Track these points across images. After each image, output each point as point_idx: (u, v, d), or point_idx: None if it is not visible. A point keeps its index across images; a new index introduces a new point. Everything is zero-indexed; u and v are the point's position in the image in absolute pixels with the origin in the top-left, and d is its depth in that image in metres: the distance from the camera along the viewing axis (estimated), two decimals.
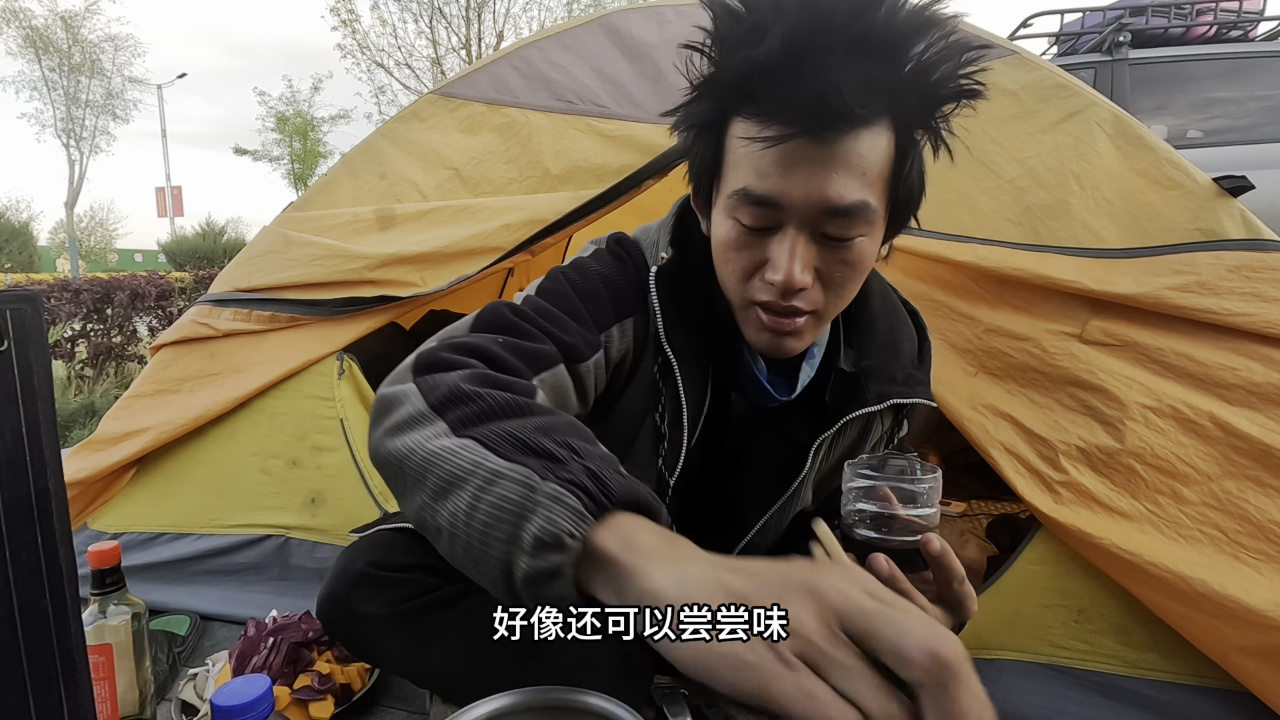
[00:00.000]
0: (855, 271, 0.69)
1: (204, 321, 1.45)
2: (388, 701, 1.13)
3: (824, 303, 0.70)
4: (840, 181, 0.62)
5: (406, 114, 1.52)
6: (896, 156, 0.65)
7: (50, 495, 0.50)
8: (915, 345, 0.86)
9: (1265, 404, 1.00)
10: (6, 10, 20.11)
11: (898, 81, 0.61)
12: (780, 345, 0.73)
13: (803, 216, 0.65)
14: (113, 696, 0.87)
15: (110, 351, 3.96)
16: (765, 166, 0.64)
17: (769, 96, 0.62)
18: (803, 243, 0.66)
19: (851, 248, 0.67)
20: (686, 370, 0.80)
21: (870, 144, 0.63)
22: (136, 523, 1.44)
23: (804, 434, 0.83)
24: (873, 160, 0.63)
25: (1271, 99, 3.34)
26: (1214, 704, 0.99)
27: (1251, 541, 0.97)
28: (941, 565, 0.59)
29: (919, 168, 0.69)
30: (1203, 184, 1.08)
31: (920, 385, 0.84)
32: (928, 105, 0.65)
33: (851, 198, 0.63)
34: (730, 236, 0.69)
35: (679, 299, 0.80)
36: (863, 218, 0.65)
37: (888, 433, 0.87)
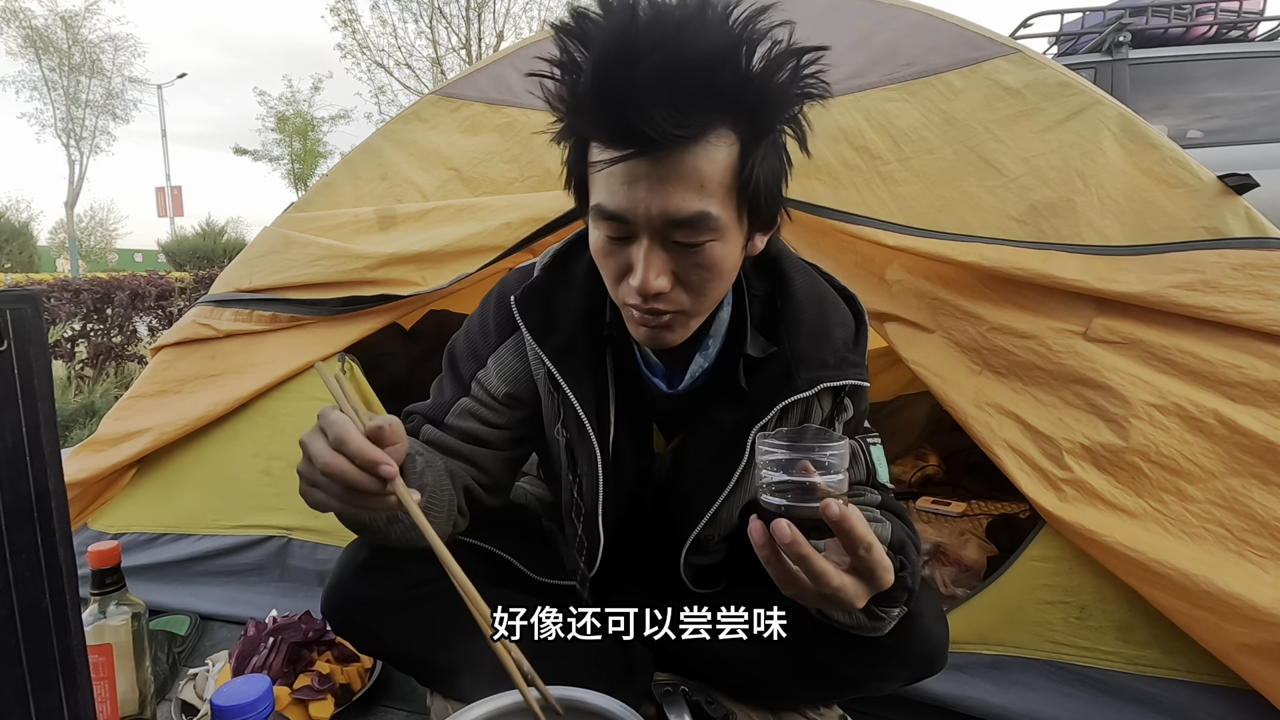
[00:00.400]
0: (712, 273, 0.72)
1: (205, 322, 1.44)
2: (388, 701, 1.13)
3: (688, 303, 0.74)
4: (678, 195, 0.66)
5: (408, 114, 1.52)
6: (740, 163, 0.68)
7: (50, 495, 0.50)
8: (850, 330, 0.88)
9: (1270, 402, 0.99)
10: (6, 10, 20.14)
11: (719, 98, 0.63)
12: (657, 337, 0.77)
13: (650, 229, 0.69)
14: (113, 696, 0.87)
15: (110, 351, 3.96)
16: (613, 185, 0.68)
17: (594, 130, 0.67)
18: (656, 252, 0.70)
19: (703, 252, 0.70)
20: (568, 370, 0.86)
21: (705, 157, 0.65)
22: (137, 523, 1.44)
23: (730, 420, 0.86)
24: (710, 172, 0.66)
25: (1271, 99, 3.34)
26: (1216, 701, 0.99)
27: (1256, 539, 0.96)
28: (843, 530, 0.60)
29: (771, 168, 0.71)
30: (1207, 182, 1.08)
31: (854, 368, 0.86)
32: (768, 113, 0.67)
33: (690, 209, 0.67)
34: (598, 245, 0.74)
35: (552, 309, 0.87)
36: (706, 226, 0.68)
37: (828, 417, 0.89)
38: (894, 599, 0.73)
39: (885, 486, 0.91)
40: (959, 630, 1.07)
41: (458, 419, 0.92)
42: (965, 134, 1.20)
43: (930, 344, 1.17)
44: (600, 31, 0.63)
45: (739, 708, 0.99)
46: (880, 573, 0.64)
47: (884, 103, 1.25)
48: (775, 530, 0.60)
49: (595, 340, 0.88)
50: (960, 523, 1.74)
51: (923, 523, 1.72)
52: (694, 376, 0.87)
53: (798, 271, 0.88)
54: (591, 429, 0.87)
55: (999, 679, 1.07)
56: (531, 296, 0.88)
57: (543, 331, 0.87)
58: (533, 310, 0.87)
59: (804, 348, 0.84)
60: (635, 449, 0.93)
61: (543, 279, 0.89)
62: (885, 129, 1.24)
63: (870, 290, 1.22)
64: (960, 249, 1.13)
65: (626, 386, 0.90)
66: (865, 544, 0.61)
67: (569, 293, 0.87)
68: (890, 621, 0.77)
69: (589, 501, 0.91)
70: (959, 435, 2.01)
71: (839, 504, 0.59)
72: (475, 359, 0.92)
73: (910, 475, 2.10)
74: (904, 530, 0.83)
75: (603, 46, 0.62)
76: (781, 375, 0.85)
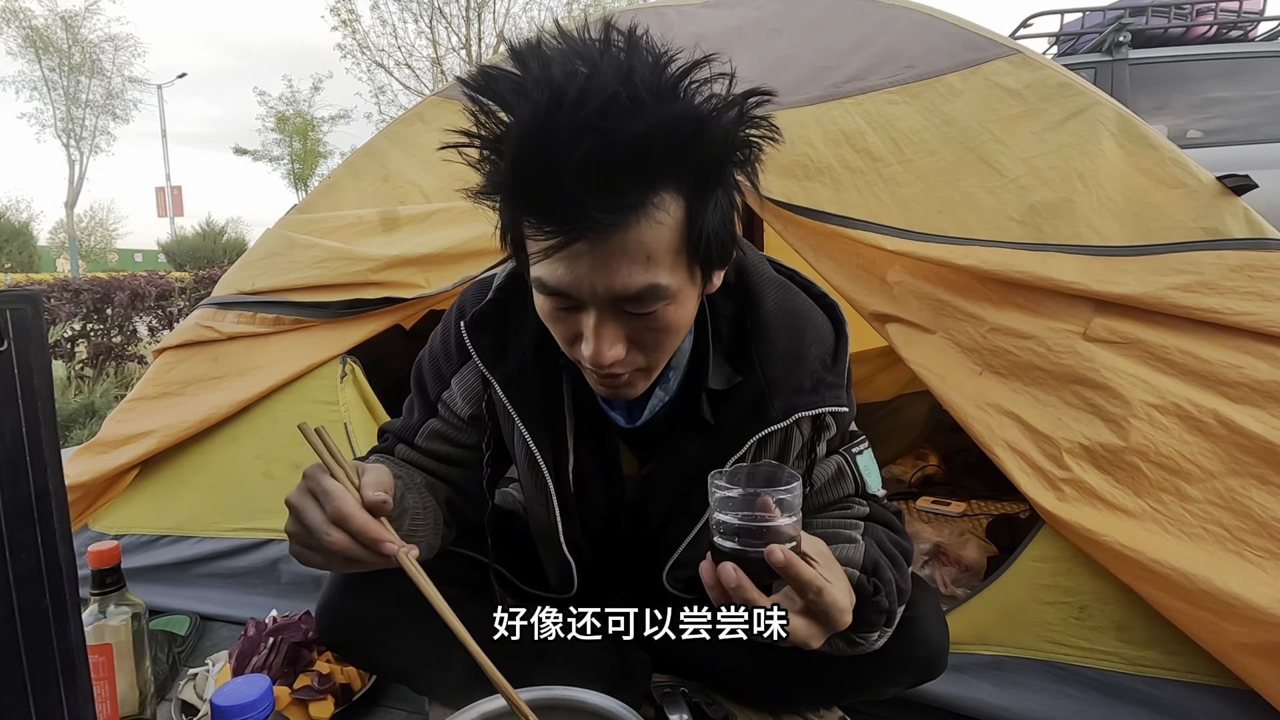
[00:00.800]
0: (667, 334, 0.69)
1: (208, 324, 1.44)
2: (388, 701, 1.13)
3: (644, 362, 0.70)
4: (623, 272, 0.61)
5: (409, 116, 1.52)
6: (687, 223, 0.63)
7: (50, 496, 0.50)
8: (828, 346, 0.84)
9: (1269, 402, 0.99)
10: (6, 10, 20.14)
11: (659, 172, 0.59)
12: (618, 393, 0.74)
13: (599, 303, 0.64)
14: (113, 696, 0.87)
15: (110, 351, 3.96)
16: (552, 265, 0.62)
17: (531, 215, 0.61)
18: (606, 323, 0.65)
19: (656, 317, 0.66)
20: (520, 399, 0.83)
21: (649, 229, 0.60)
22: (138, 525, 1.44)
23: (697, 451, 0.82)
24: (655, 243, 0.61)
25: (1271, 99, 3.34)
26: (1215, 701, 0.99)
27: (1255, 539, 0.96)
28: (790, 576, 0.59)
29: (722, 216, 0.66)
30: (1206, 183, 1.08)
31: (831, 390, 0.82)
32: (712, 170, 0.62)
33: (637, 284, 0.62)
34: (545, 312, 0.70)
35: (504, 335, 0.84)
36: (656, 296, 0.64)
37: (809, 442, 0.85)
38: (869, 624, 0.73)
39: (874, 497, 0.89)
40: (958, 631, 1.07)
41: (427, 441, 0.91)
42: (965, 135, 1.20)
43: (931, 344, 1.18)
44: (516, 118, 0.58)
45: (739, 709, 0.99)
46: (835, 614, 0.62)
47: (885, 105, 1.26)
48: (721, 574, 0.59)
49: (550, 369, 0.84)
50: (960, 523, 1.74)
51: (923, 523, 1.72)
52: (653, 410, 0.83)
53: (767, 287, 0.83)
54: (544, 461, 0.84)
55: (998, 679, 1.07)
56: (483, 321, 0.84)
57: (493, 359, 0.83)
58: (484, 335, 0.83)
59: (777, 372, 0.80)
60: (602, 475, 0.90)
61: (495, 301, 0.84)
62: (886, 131, 1.24)
63: (872, 291, 1.22)
64: (959, 253, 1.13)
65: (585, 414, 0.87)
66: (814, 588, 0.60)
67: (524, 317, 0.82)
68: (870, 644, 0.76)
69: (548, 531, 0.89)
70: (959, 435, 2.01)
71: (783, 550, 0.58)
72: (439, 380, 0.90)
73: (910, 475, 2.10)
74: (887, 542, 0.81)
75: (520, 139, 0.57)
76: (754, 405, 0.81)
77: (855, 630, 0.71)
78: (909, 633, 0.83)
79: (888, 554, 0.79)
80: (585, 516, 0.91)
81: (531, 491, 0.90)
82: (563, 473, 0.87)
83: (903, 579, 0.78)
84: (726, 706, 0.98)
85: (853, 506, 0.88)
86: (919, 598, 0.86)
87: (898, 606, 0.76)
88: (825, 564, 0.65)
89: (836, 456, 0.88)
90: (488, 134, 0.61)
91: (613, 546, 0.95)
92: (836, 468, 0.88)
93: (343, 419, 1.36)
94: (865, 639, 0.74)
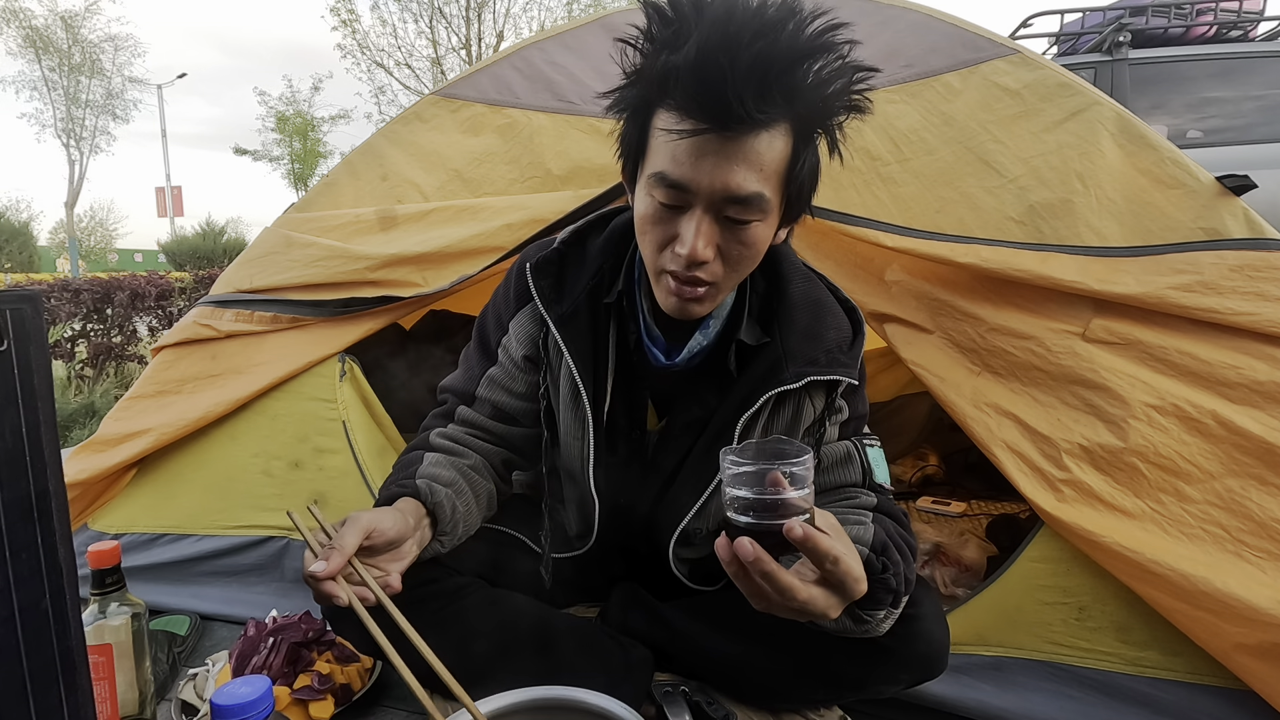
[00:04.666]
0: (751, 251, 0.78)
1: (205, 323, 1.44)
2: (388, 701, 1.13)
3: (723, 276, 0.79)
4: (740, 174, 0.72)
5: (408, 115, 1.52)
6: (792, 156, 0.75)
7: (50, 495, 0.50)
8: (845, 335, 0.92)
9: (1268, 402, 0.99)
10: (6, 10, 20.13)
11: (794, 94, 0.70)
12: (686, 309, 0.82)
13: (707, 200, 0.74)
14: (113, 696, 0.87)
15: (110, 351, 3.95)
16: (679, 155, 0.73)
17: (683, 96, 0.70)
18: (707, 223, 0.75)
19: (748, 230, 0.76)
20: (570, 335, 0.92)
21: (768, 144, 0.72)
22: (137, 524, 1.44)
23: (715, 401, 0.92)
24: (770, 158, 0.73)
25: (1270, 99, 3.34)
26: (1214, 702, 0.99)
27: (1254, 539, 0.96)
28: (808, 549, 0.62)
29: (812, 165, 0.78)
30: (1206, 183, 1.08)
31: (843, 366, 0.89)
32: (821, 116, 0.74)
33: (749, 189, 0.73)
34: (648, 212, 0.78)
35: (563, 279, 0.95)
36: (758, 206, 0.74)
37: (820, 416, 0.92)
38: (877, 601, 0.74)
39: (883, 488, 0.91)
40: (958, 631, 1.07)
41: (487, 391, 0.99)
42: (964, 135, 1.20)
43: (929, 344, 1.18)
44: (704, 16, 0.68)
45: (739, 708, 0.99)
46: (850, 583, 0.65)
47: (884, 104, 1.25)
48: (739, 549, 0.60)
49: (599, 311, 0.93)
50: (960, 523, 1.74)
51: (923, 523, 1.72)
52: (691, 353, 0.91)
53: (796, 275, 0.93)
54: (586, 393, 0.92)
55: (998, 680, 1.07)
56: (546, 266, 0.95)
57: (551, 299, 0.93)
58: (545, 278, 0.94)
59: (795, 345, 0.88)
60: (629, 421, 0.98)
61: (559, 251, 0.96)
62: (885, 130, 1.24)
63: (870, 291, 1.22)
64: (959, 250, 1.13)
65: (625, 359, 0.95)
66: (831, 558, 0.62)
67: (581, 266, 0.94)
68: (877, 624, 0.77)
69: (579, 466, 0.97)
70: (959, 435, 2.01)
71: (801, 525, 0.60)
72: (499, 326, 0.99)
73: (910, 475, 2.10)
74: (894, 531, 0.83)
75: (709, 29, 0.67)
76: (771, 368, 0.88)
77: (863, 606, 0.73)
78: (910, 630, 0.84)
79: (895, 542, 0.81)
80: (608, 461, 0.97)
81: (570, 424, 0.97)
82: (599, 409, 0.95)
83: (909, 569, 0.80)
84: (727, 706, 0.98)
85: (859, 497, 0.90)
86: (920, 596, 0.87)
87: (904, 592, 0.78)
88: (837, 536, 0.67)
89: (846, 441, 0.92)
90: (670, 31, 0.71)
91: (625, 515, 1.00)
92: (845, 451, 0.92)
93: (341, 417, 1.36)
94: (872, 616, 0.75)
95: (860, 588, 0.66)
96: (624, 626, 1.05)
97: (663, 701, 0.96)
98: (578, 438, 0.97)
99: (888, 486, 0.92)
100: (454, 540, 0.89)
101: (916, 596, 0.85)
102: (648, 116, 0.76)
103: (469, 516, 0.91)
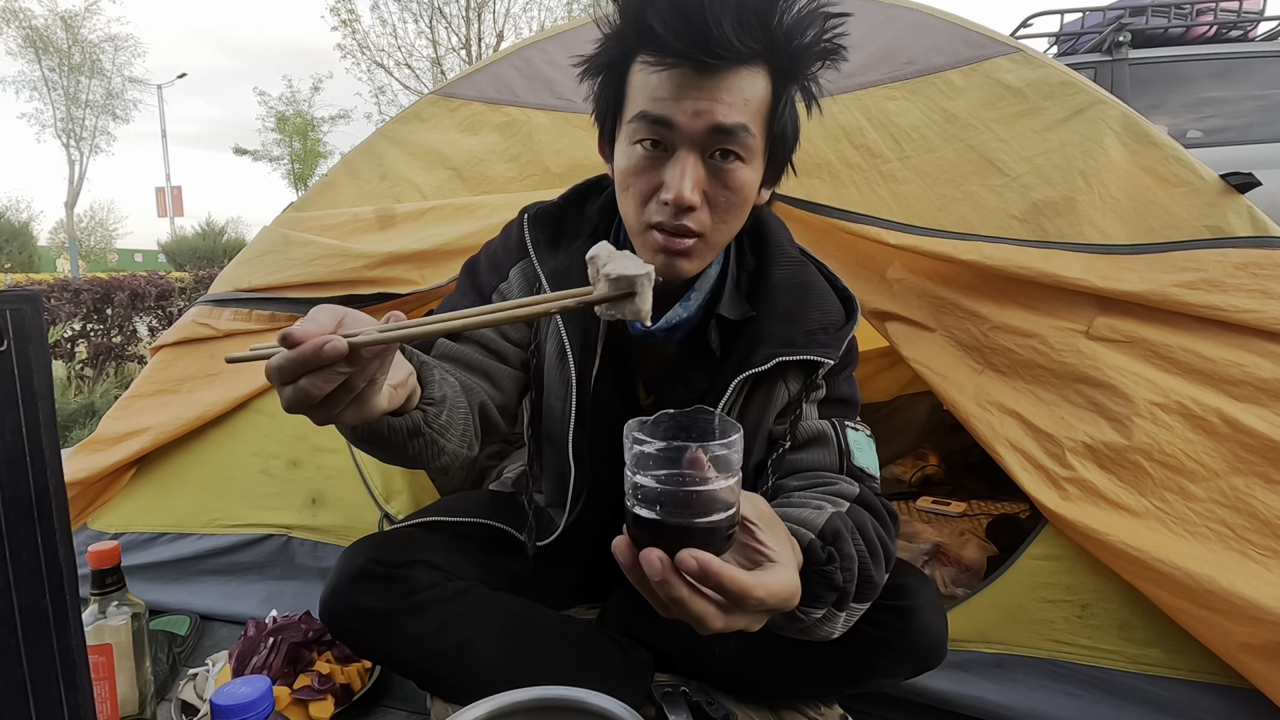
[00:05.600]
0: (738, 197, 0.77)
1: (204, 322, 1.44)
2: (388, 701, 1.13)
3: (710, 226, 0.78)
4: (724, 106, 0.72)
5: (407, 114, 1.52)
6: (773, 99, 0.75)
7: (50, 495, 0.49)
8: (832, 318, 0.89)
9: (1273, 400, 0.99)
10: (6, 10, 20.14)
11: (769, 25, 0.70)
12: (673, 265, 0.79)
13: (692, 139, 0.74)
14: (113, 696, 0.87)
15: (110, 351, 3.95)
16: (659, 92, 0.73)
17: (661, 26, 0.70)
18: (692, 163, 0.74)
19: (734, 173, 0.76)
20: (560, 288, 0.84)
21: (749, 81, 0.73)
22: (137, 523, 1.44)
23: (703, 383, 0.89)
24: (751, 95, 0.73)
25: (1270, 98, 3.34)
26: (1217, 700, 0.99)
27: (1259, 538, 0.96)
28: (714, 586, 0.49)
29: (792, 117, 0.79)
30: (1209, 181, 1.08)
31: (823, 347, 0.86)
32: (798, 60, 0.75)
33: (733, 119, 0.73)
34: (630, 163, 0.77)
35: (559, 234, 0.94)
36: (744, 142, 0.74)
37: (795, 398, 0.88)
38: (816, 598, 0.64)
39: (865, 474, 0.84)
40: (960, 629, 1.06)
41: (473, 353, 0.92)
42: (966, 133, 1.20)
43: (931, 342, 1.17)
44: None
45: (739, 708, 0.99)
46: (773, 605, 0.53)
47: (885, 101, 1.25)
48: (644, 563, 0.48)
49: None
50: (960, 523, 1.74)
51: (923, 523, 1.72)
52: (670, 323, 0.88)
53: (783, 257, 0.91)
54: (572, 352, 0.91)
55: (1000, 678, 1.07)
56: (543, 218, 0.94)
57: (545, 253, 0.92)
58: (542, 230, 0.93)
59: (772, 327, 0.86)
60: (618, 390, 0.96)
61: (558, 205, 0.96)
62: (886, 127, 1.24)
63: (871, 289, 1.22)
64: (962, 248, 1.12)
65: (612, 326, 0.92)
66: (754, 598, 0.51)
67: (579, 224, 0.94)
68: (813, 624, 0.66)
69: (559, 430, 0.95)
70: (959, 435, 2.01)
71: (698, 556, 0.47)
72: (497, 272, 0.95)
73: (910, 475, 2.09)
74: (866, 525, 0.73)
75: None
76: (745, 351, 0.86)
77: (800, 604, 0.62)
78: (907, 623, 0.83)
79: (857, 537, 0.70)
80: (596, 426, 0.94)
81: (555, 384, 0.95)
82: (586, 373, 0.92)
83: (873, 570, 0.70)
84: (727, 706, 0.97)
85: (838, 484, 0.82)
86: (916, 587, 0.86)
87: (852, 593, 0.67)
88: (767, 527, 0.57)
89: (824, 422, 0.87)
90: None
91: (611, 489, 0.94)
92: (819, 429, 0.86)
93: None
94: (806, 615, 0.64)
95: (789, 604, 0.55)
96: (624, 628, 1.05)
97: (663, 702, 0.95)
98: (560, 398, 0.94)
99: (872, 473, 0.85)
100: (439, 419, 0.71)
101: (912, 588, 0.84)
102: (625, 68, 0.77)
103: (456, 409, 0.76)
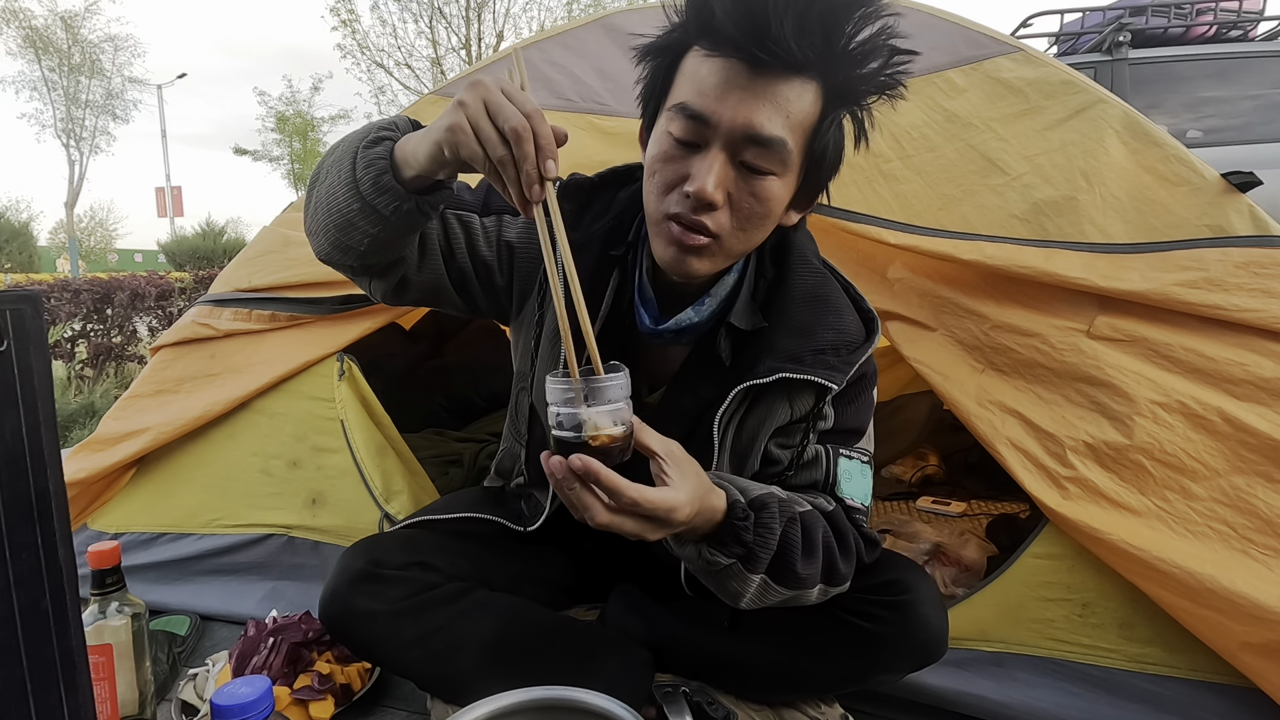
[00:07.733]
0: (762, 207, 0.75)
1: (204, 322, 1.44)
2: (388, 701, 1.13)
3: (728, 229, 0.76)
4: (765, 113, 0.70)
5: (407, 114, 1.51)
6: (819, 118, 0.73)
7: (50, 495, 0.49)
8: (847, 339, 0.86)
9: (1274, 399, 0.99)
10: (6, 10, 20.14)
11: (831, 46, 0.69)
12: (683, 261, 0.78)
13: (726, 138, 0.72)
14: (113, 696, 0.87)
15: (110, 351, 3.95)
16: (705, 87, 0.71)
17: (722, 14, 0.68)
18: (721, 162, 0.72)
19: (763, 183, 0.74)
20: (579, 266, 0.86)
21: (798, 92, 0.70)
22: (137, 523, 1.44)
23: (709, 393, 0.87)
24: (797, 107, 0.71)
25: (1269, 98, 3.34)
26: (1217, 699, 0.99)
27: (1261, 537, 0.96)
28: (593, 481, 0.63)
29: (837, 141, 0.76)
30: (1211, 180, 1.08)
31: (829, 369, 0.84)
32: (855, 86, 0.73)
33: (772, 130, 0.71)
34: (661, 150, 0.75)
35: (584, 209, 0.91)
36: (778, 155, 0.72)
37: (801, 418, 0.87)
38: (722, 543, 0.74)
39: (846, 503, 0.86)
40: (960, 627, 1.06)
41: (455, 217, 0.90)
42: (967, 132, 1.20)
43: (932, 342, 1.17)
44: None
45: (739, 707, 0.99)
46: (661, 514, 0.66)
47: None
48: (546, 465, 0.64)
49: (607, 254, 0.89)
50: (960, 523, 1.74)
51: (923, 523, 1.71)
52: (680, 325, 0.86)
53: (804, 268, 0.89)
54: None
55: (1000, 676, 1.07)
56: (573, 190, 0.92)
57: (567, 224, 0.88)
58: (568, 202, 0.90)
59: (781, 340, 0.85)
60: None
61: (592, 182, 0.93)
62: (886, 126, 1.24)
63: (872, 288, 1.22)
64: (964, 247, 1.12)
65: (618, 317, 0.91)
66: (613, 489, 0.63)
67: (606, 206, 0.92)
68: (720, 570, 0.76)
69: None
70: (959, 435, 2.01)
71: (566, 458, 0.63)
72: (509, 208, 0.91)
73: (910, 475, 2.09)
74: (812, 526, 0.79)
75: None
76: (751, 362, 0.85)
77: (708, 541, 0.74)
78: (906, 618, 0.83)
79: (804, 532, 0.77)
80: None
81: (547, 362, 0.93)
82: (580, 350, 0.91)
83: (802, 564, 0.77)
84: (727, 706, 0.97)
85: (817, 499, 0.85)
86: (913, 582, 0.87)
87: (777, 574, 0.76)
88: (673, 462, 0.69)
89: (819, 446, 0.88)
90: None
91: None
92: (814, 454, 0.88)
93: (339, 416, 1.35)
94: (713, 557, 0.75)
95: (676, 517, 0.67)
96: (623, 628, 1.05)
97: (663, 702, 0.95)
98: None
99: (856, 505, 0.87)
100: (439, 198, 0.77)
101: (911, 583, 0.85)
102: (679, 54, 0.75)
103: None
